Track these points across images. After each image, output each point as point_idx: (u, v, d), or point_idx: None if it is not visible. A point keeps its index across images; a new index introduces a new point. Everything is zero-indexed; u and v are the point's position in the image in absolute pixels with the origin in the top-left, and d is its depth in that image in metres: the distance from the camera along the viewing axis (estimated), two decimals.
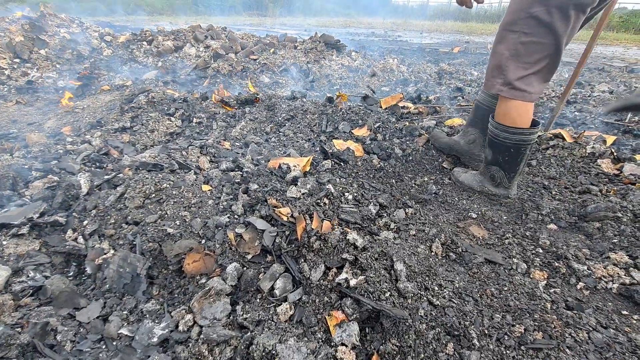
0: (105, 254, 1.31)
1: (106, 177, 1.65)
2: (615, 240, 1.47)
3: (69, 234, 1.41)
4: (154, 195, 1.49)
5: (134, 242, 1.31)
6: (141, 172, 1.64)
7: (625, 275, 1.30)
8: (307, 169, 1.89)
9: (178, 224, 1.37)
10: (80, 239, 1.40)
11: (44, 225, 1.42)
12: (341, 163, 2.06)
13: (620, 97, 3.78)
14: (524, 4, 1.39)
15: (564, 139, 2.32)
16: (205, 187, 1.59)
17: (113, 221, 1.43)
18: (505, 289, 1.22)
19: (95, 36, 5.50)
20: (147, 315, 1.14)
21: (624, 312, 1.18)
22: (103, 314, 1.17)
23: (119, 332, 1.09)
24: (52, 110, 3.21)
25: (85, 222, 1.44)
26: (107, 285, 1.24)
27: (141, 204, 1.47)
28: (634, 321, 1.14)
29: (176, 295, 1.21)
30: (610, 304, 1.21)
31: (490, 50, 1.62)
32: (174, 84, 3.66)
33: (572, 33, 1.50)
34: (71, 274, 1.33)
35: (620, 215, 1.58)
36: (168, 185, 1.54)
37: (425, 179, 2.06)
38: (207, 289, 1.15)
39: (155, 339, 1.05)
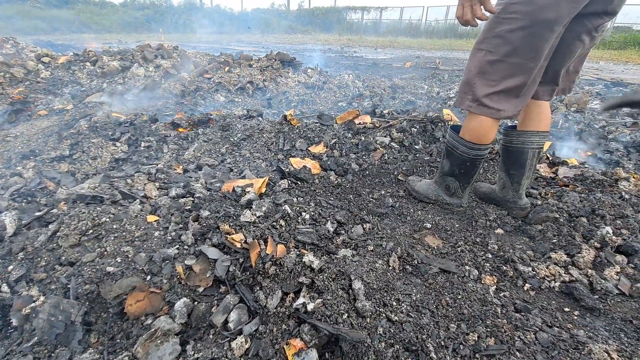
0: (34, 301, 1.17)
1: (37, 213, 1.50)
2: (554, 241, 1.57)
3: None
4: (91, 231, 1.36)
5: (68, 286, 1.18)
6: (78, 205, 1.51)
7: (565, 273, 1.39)
8: (263, 190, 1.85)
9: (119, 261, 1.26)
10: (5, 287, 1.24)
11: None
12: (298, 182, 2.04)
13: (617, 95, 4.15)
14: (491, 23, 1.43)
15: None
16: (151, 218, 1.49)
17: (44, 263, 1.29)
18: (459, 297, 1.25)
19: (32, 57, 5.12)
20: None
21: (566, 309, 1.25)
22: None
23: None
24: None
25: (10, 268, 1.29)
26: (37, 338, 1.10)
27: (77, 242, 1.34)
28: (575, 317, 1.22)
29: (118, 340, 1.11)
30: (553, 302, 1.29)
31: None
32: (119, 105, 3.48)
33: (569, 55, 1.50)
34: None
35: (557, 216, 1.70)
36: (108, 219, 1.43)
37: (382, 192, 2.10)
38: (152, 330, 1.06)
39: None
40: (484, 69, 1.48)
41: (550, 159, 2.34)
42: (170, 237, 1.39)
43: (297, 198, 1.84)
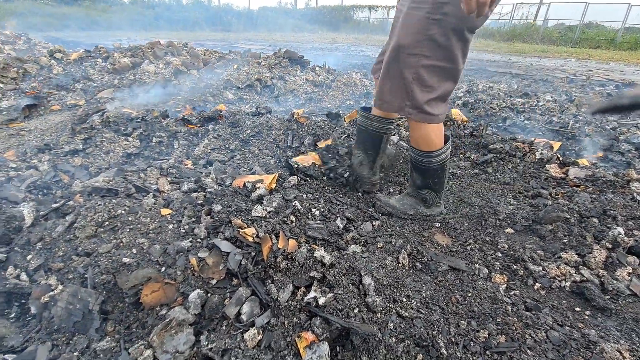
0: (52, 290, 1.19)
1: (54, 205, 1.53)
2: (565, 241, 1.57)
3: (9, 271, 1.28)
4: (107, 222, 1.39)
5: (86, 276, 1.21)
6: (93, 198, 1.54)
7: (575, 273, 1.38)
8: (273, 186, 1.87)
9: (135, 252, 1.29)
10: (24, 276, 1.27)
11: None
12: (307, 179, 2.06)
13: (605, 98, 4.12)
14: (422, 27, 1.35)
15: (517, 147, 2.47)
16: (165, 211, 1.51)
17: (62, 254, 1.32)
18: (469, 295, 1.26)
19: (44, 53, 5.19)
20: (101, 355, 1.05)
21: (577, 309, 1.25)
22: (51, 357, 1.06)
23: None
24: None
25: (29, 257, 1.32)
26: (55, 325, 1.13)
27: (93, 233, 1.37)
28: (586, 317, 1.22)
29: (134, 330, 1.13)
30: (564, 301, 1.29)
31: (383, 72, 1.53)
32: (131, 101, 3.52)
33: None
34: (13, 315, 1.20)
35: (568, 216, 1.69)
36: (123, 211, 1.45)
37: (391, 189, 2.11)
38: (167, 320, 1.08)
39: None
40: (420, 75, 1.41)
41: (561, 159, 2.32)
42: (183, 230, 1.42)
43: (306, 195, 1.85)
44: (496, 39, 17.31)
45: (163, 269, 1.25)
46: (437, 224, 1.73)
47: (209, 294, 1.20)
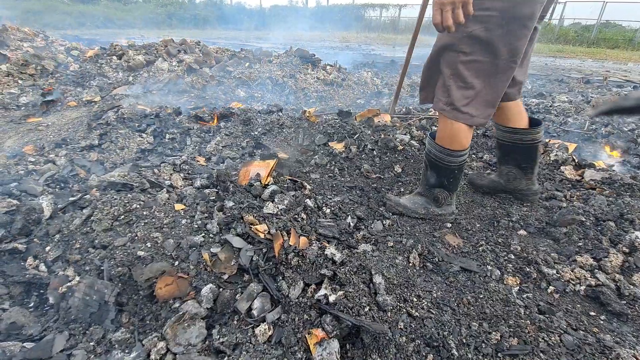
0: (69, 281, 1.23)
1: (71, 198, 1.57)
2: (580, 244, 1.54)
3: (29, 262, 1.32)
4: (123, 216, 1.42)
5: (102, 268, 1.24)
6: (109, 192, 1.57)
7: (591, 277, 1.36)
8: (272, 173, 1.86)
9: (149, 246, 1.31)
10: (42, 267, 1.31)
11: (1, 254, 1.33)
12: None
13: (608, 100, 4.03)
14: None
15: None
16: (179, 206, 1.54)
17: (79, 246, 1.35)
18: (481, 296, 1.24)
19: (61, 50, 5.30)
20: (116, 346, 1.08)
21: (592, 313, 1.23)
22: (68, 346, 1.09)
23: None
24: (13, 128, 3.04)
25: (47, 248, 1.36)
26: (72, 315, 1.16)
27: (109, 226, 1.40)
28: (601, 322, 1.19)
29: (148, 322, 1.15)
30: (579, 305, 1.26)
31: (425, 64, 1.51)
32: (145, 98, 3.58)
33: (529, 47, 1.47)
34: (32, 305, 1.24)
35: (583, 219, 1.66)
36: (138, 206, 1.48)
37: (402, 189, 2.10)
38: (180, 313, 1.10)
39: None
40: (457, 71, 1.38)
41: (576, 161, 2.27)
42: (196, 226, 1.44)
43: (317, 194, 1.85)
44: None
45: (176, 263, 1.27)
46: (449, 225, 1.72)
47: (221, 289, 1.22)
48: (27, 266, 1.31)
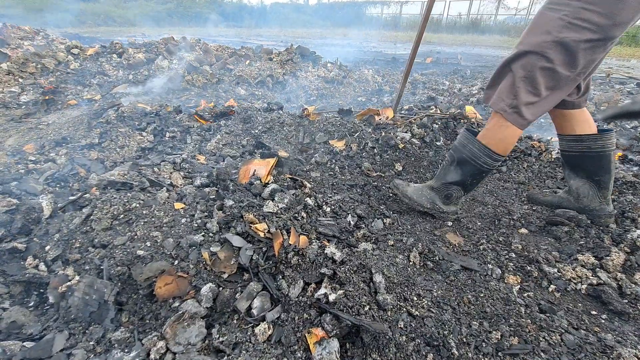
0: (69, 280, 1.23)
1: (71, 198, 1.57)
2: (582, 242, 1.53)
3: (29, 261, 1.32)
4: (122, 215, 1.42)
5: (101, 267, 1.24)
6: (109, 191, 1.57)
7: (592, 276, 1.35)
8: (273, 171, 1.86)
9: (149, 245, 1.31)
10: (42, 266, 1.31)
11: (1, 253, 1.33)
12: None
13: (616, 105, 4.01)
14: (553, 28, 1.27)
15: (532, 145, 2.42)
16: (178, 205, 1.53)
17: (78, 245, 1.35)
18: (482, 295, 1.24)
19: (62, 49, 5.30)
20: (116, 345, 1.08)
21: (593, 312, 1.22)
22: (68, 345, 1.09)
23: None
24: (14, 126, 3.04)
25: (47, 248, 1.36)
26: (72, 315, 1.16)
27: (109, 225, 1.40)
28: (603, 321, 1.19)
29: (147, 321, 1.15)
30: (580, 304, 1.26)
31: (501, 63, 1.45)
32: (145, 96, 3.57)
33: (596, 66, 1.40)
34: (32, 304, 1.24)
35: (584, 217, 1.65)
36: (138, 205, 1.48)
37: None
38: (180, 312, 1.10)
39: None
40: (533, 75, 1.33)
41: None
42: (196, 225, 1.43)
43: (317, 193, 1.85)
44: (512, 35, 16.93)
45: (176, 262, 1.27)
46: (449, 223, 1.71)
47: (221, 288, 1.22)
48: (26, 265, 1.31)
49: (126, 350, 1.04)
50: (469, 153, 1.54)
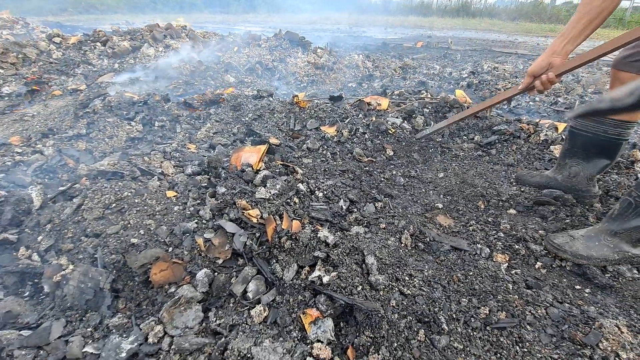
0: (63, 270, 1.23)
1: (61, 188, 1.55)
2: (567, 221, 1.57)
3: (21, 252, 1.31)
4: (114, 204, 1.41)
5: (95, 256, 1.24)
6: (99, 181, 1.56)
7: None
8: (264, 158, 1.86)
9: (142, 233, 1.31)
10: (35, 256, 1.31)
11: None
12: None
13: (585, 102, 4.05)
14: None
15: (521, 128, 2.45)
16: (170, 193, 1.53)
17: (71, 235, 1.35)
18: (471, 273, 1.28)
19: (43, 37, 5.13)
20: (114, 330, 1.09)
21: (577, 287, 1.27)
22: (65, 333, 1.10)
23: (83, 350, 1.03)
24: None
25: (39, 238, 1.35)
26: (68, 303, 1.17)
27: (101, 214, 1.39)
28: (586, 294, 1.24)
29: (144, 307, 1.17)
30: (565, 280, 1.31)
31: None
32: (132, 86, 3.50)
33: None
34: (27, 294, 1.24)
35: (570, 197, 1.70)
36: (130, 194, 1.47)
37: (394, 172, 2.11)
38: (176, 297, 1.11)
39: (123, 354, 1.00)
40: None
41: None
42: (189, 212, 1.44)
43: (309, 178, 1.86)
44: (502, 18, 16.85)
45: (170, 249, 1.28)
46: (440, 205, 1.74)
47: (216, 273, 1.23)
48: (19, 256, 1.30)
49: (124, 335, 1.05)
50: None
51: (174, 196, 1.53)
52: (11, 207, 1.42)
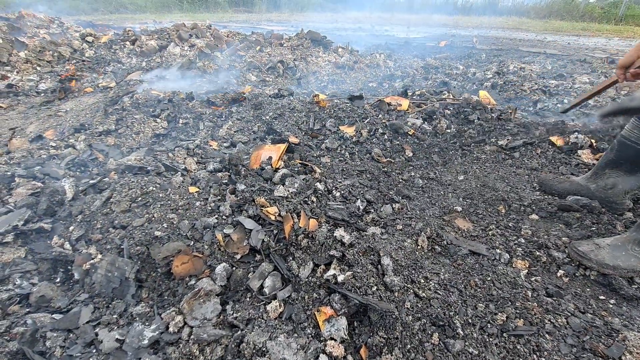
0: (92, 259, 1.30)
1: (91, 181, 1.64)
2: (593, 229, 1.52)
3: (54, 240, 1.40)
4: (140, 198, 1.48)
5: (122, 246, 1.31)
6: (127, 175, 1.63)
7: None
8: (283, 157, 1.89)
9: (165, 226, 1.37)
10: (67, 245, 1.39)
11: (29, 233, 1.41)
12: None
13: (614, 101, 3.87)
14: None
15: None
16: (193, 189, 1.59)
17: (100, 226, 1.42)
18: (489, 279, 1.26)
19: (76, 36, 5.38)
20: (137, 318, 1.15)
21: (601, 297, 1.23)
22: (93, 318, 1.17)
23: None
24: (34, 114, 3.14)
25: (71, 228, 1.43)
26: (96, 290, 1.23)
27: (128, 207, 1.46)
28: (611, 305, 1.19)
29: (166, 297, 1.22)
30: (588, 289, 1.26)
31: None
32: (158, 84, 3.62)
33: None
34: (58, 280, 1.32)
35: (597, 204, 1.63)
36: (154, 188, 1.54)
37: (412, 173, 2.10)
38: (196, 290, 1.16)
39: (145, 341, 1.06)
40: None
41: (595, 145, 2.21)
42: (210, 208, 1.48)
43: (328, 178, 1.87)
44: (531, 16, 16.24)
45: (192, 242, 1.33)
46: (459, 208, 1.72)
47: (234, 268, 1.27)
48: (52, 244, 1.39)
49: (147, 324, 1.10)
50: None
51: (196, 192, 1.58)
52: (46, 197, 1.51)
